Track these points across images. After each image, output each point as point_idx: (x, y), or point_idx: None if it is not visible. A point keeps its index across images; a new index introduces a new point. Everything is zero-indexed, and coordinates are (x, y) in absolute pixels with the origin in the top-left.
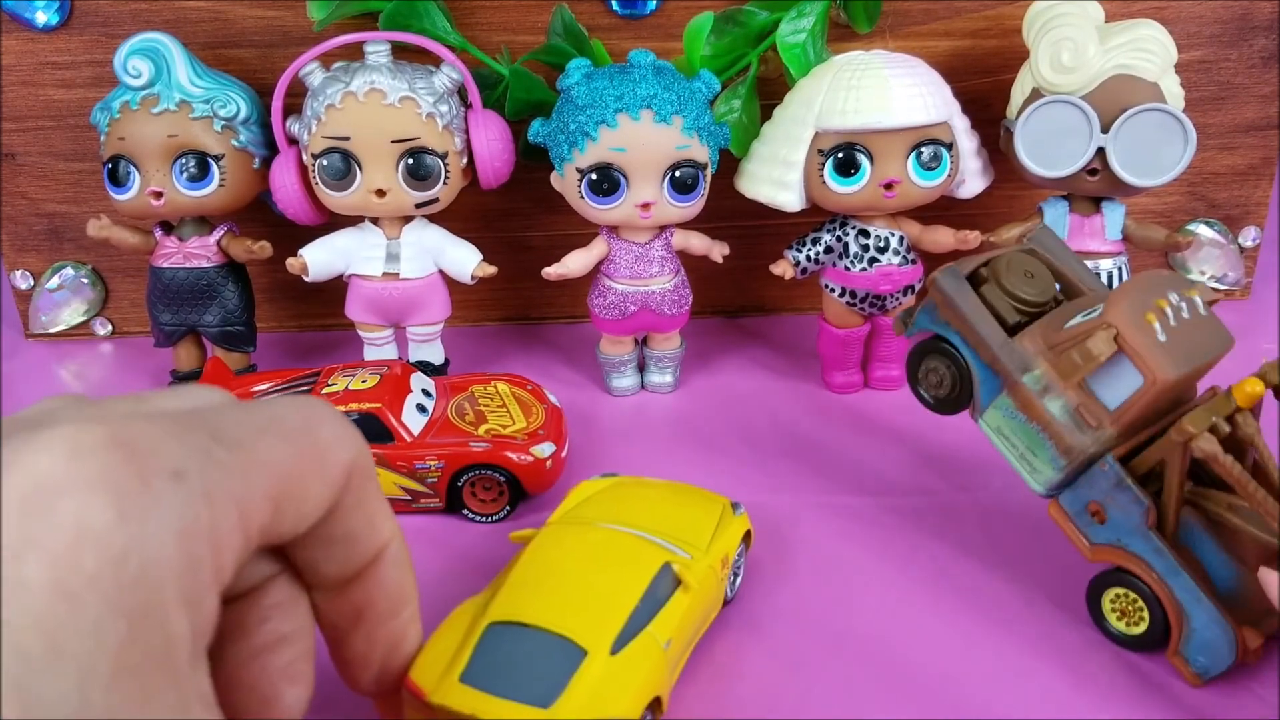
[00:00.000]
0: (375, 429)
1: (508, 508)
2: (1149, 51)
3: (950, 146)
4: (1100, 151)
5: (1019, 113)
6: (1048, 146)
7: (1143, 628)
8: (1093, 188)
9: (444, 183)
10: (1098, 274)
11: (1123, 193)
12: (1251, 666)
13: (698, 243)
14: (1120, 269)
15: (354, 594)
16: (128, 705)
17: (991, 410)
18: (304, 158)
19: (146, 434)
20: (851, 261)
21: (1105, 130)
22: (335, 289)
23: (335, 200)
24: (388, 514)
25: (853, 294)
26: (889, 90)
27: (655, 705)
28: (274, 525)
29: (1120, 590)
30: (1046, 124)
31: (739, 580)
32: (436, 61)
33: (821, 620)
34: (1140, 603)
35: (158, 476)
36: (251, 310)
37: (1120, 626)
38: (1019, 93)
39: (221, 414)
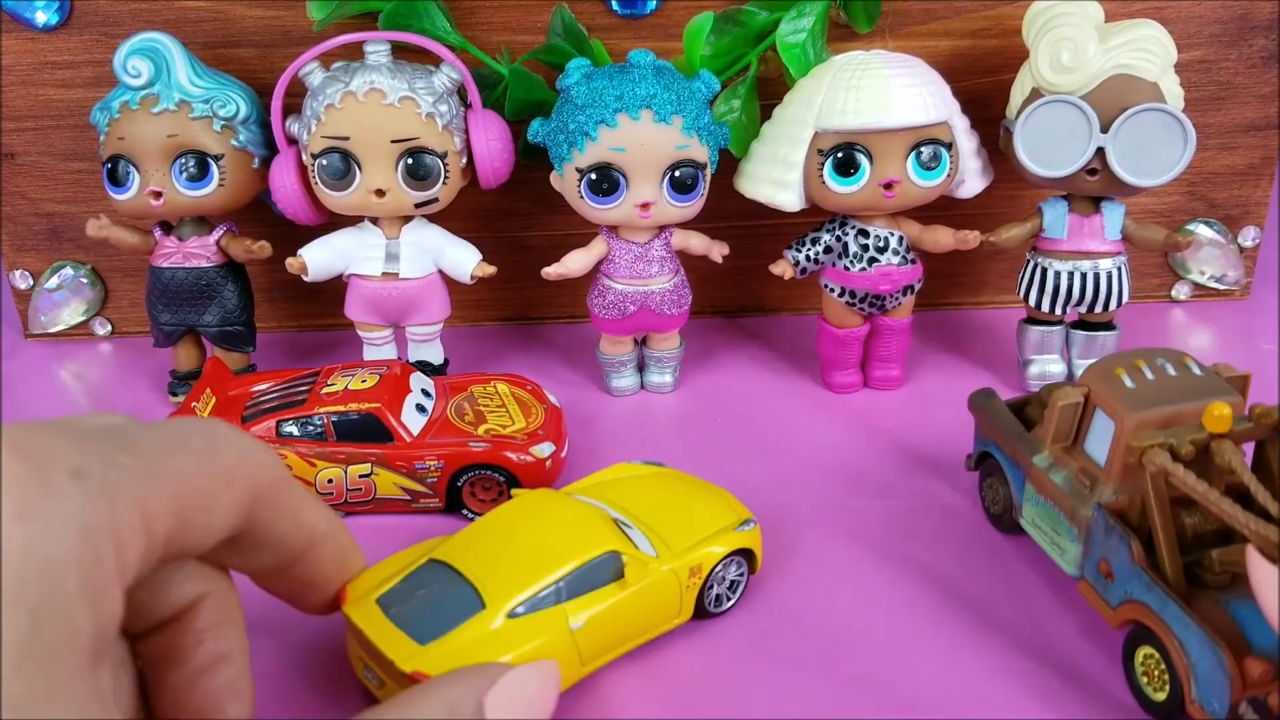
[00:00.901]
0: (374, 429)
1: None
2: (1149, 51)
3: (950, 146)
4: (1100, 151)
5: (1018, 113)
6: (1047, 146)
7: (1166, 694)
8: (1092, 187)
9: (443, 183)
10: (1097, 275)
11: (1122, 193)
12: None
13: (697, 243)
14: (1120, 269)
15: (298, 572)
16: (31, 696)
17: (1025, 505)
18: (303, 157)
19: (44, 437)
20: (851, 261)
21: (1105, 130)
22: (335, 289)
23: (335, 200)
24: (312, 506)
25: (852, 294)
26: (889, 90)
27: None
28: (182, 534)
29: (1148, 650)
30: (1046, 124)
31: (734, 598)
32: (436, 61)
33: (819, 621)
34: (1163, 665)
35: (56, 474)
36: (251, 310)
37: (1147, 690)
38: (1018, 93)
39: (128, 428)
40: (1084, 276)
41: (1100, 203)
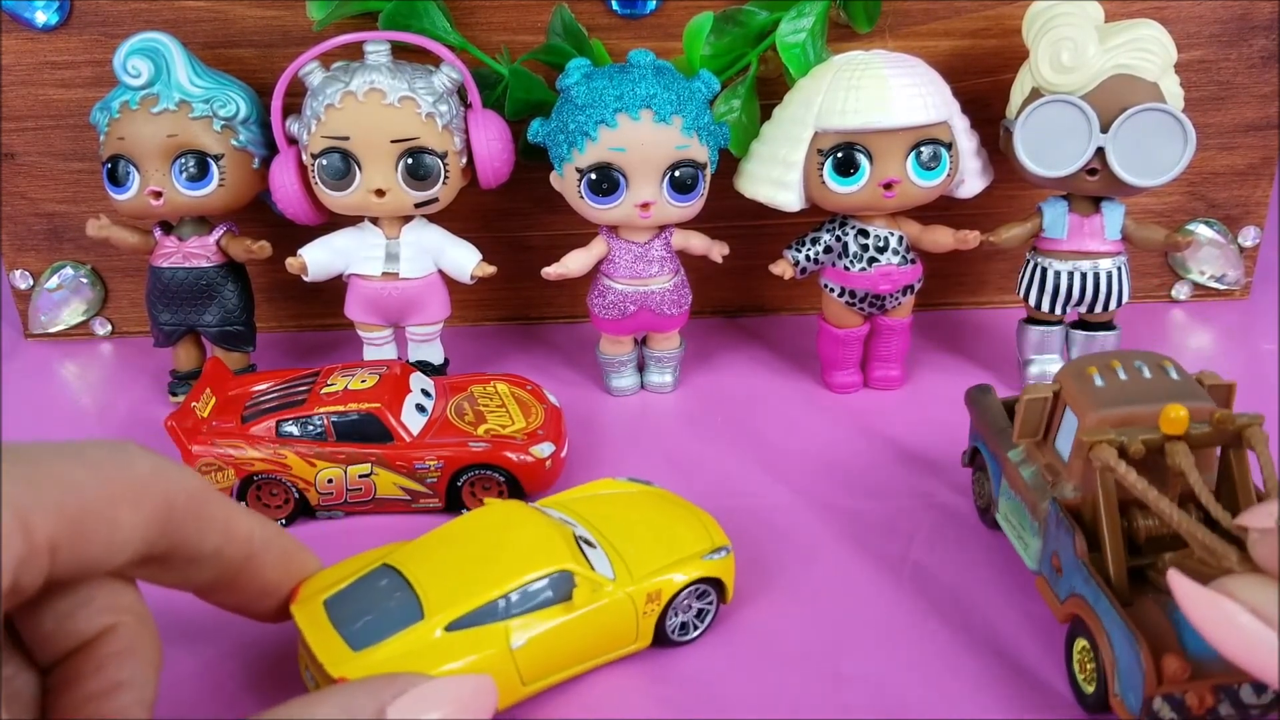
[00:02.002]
0: (374, 429)
1: None
2: (1149, 51)
3: (950, 146)
4: (1100, 151)
5: (1018, 113)
6: (1047, 146)
7: (1093, 686)
8: (1092, 187)
9: (443, 182)
10: (1097, 274)
11: (1122, 192)
12: None
13: (697, 242)
14: (1119, 269)
15: (245, 583)
16: None
17: (1001, 500)
18: (303, 157)
19: None
20: (851, 261)
21: (1105, 130)
22: (335, 289)
23: (335, 200)
24: (244, 517)
25: (851, 294)
26: (888, 90)
27: None
28: (81, 545)
29: (1084, 643)
30: (1046, 124)
31: (701, 628)
32: (436, 61)
33: (817, 620)
34: (1094, 658)
35: None
36: (251, 310)
37: (1080, 682)
38: (1018, 93)
39: (21, 445)
40: (1083, 276)
41: (1100, 203)
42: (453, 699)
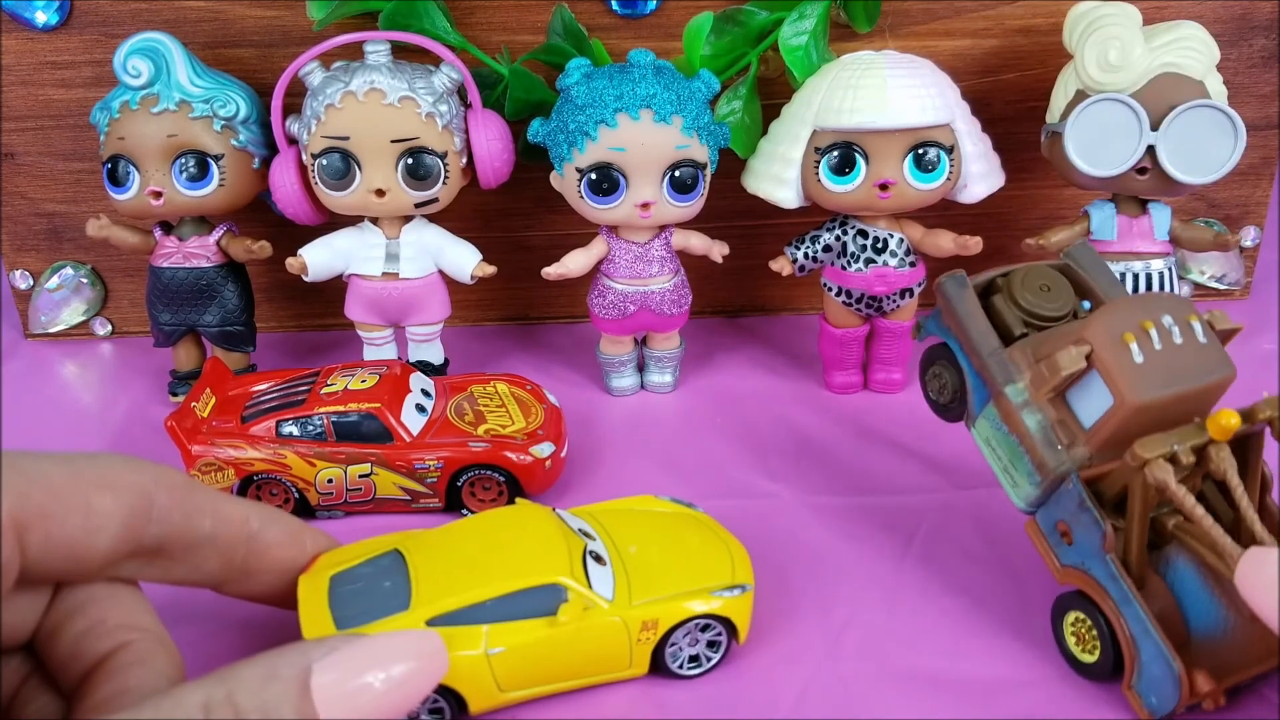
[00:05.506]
0: (374, 429)
1: None
2: (1194, 50)
3: (951, 150)
4: (1150, 150)
5: (1063, 114)
6: (1098, 146)
7: (1095, 657)
8: (1142, 187)
9: (443, 182)
10: (1149, 275)
11: (1170, 192)
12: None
13: (697, 242)
14: (1170, 269)
15: (255, 565)
16: None
17: (981, 419)
18: (303, 157)
19: None
20: (849, 261)
21: (1154, 128)
22: (335, 289)
23: (335, 200)
24: (235, 501)
25: (848, 294)
26: (886, 91)
27: (459, 702)
28: (55, 527)
29: (1079, 615)
30: (1096, 123)
31: (711, 661)
32: (436, 61)
33: (818, 619)
34: (1094, 631)
35: None
36: (251, 310)
37: (1075, 651)
38: (1061, 96)
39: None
40: (1135, 278)
41: (1147, 204)
42: (388, 658)
